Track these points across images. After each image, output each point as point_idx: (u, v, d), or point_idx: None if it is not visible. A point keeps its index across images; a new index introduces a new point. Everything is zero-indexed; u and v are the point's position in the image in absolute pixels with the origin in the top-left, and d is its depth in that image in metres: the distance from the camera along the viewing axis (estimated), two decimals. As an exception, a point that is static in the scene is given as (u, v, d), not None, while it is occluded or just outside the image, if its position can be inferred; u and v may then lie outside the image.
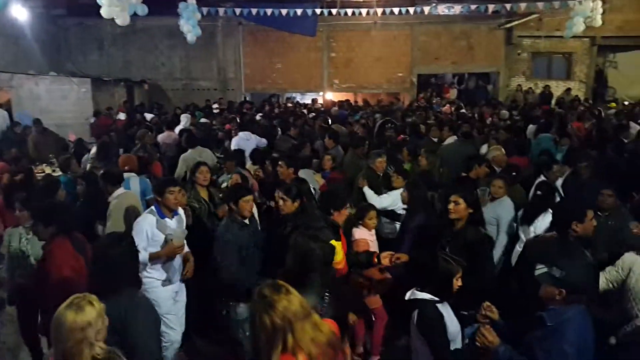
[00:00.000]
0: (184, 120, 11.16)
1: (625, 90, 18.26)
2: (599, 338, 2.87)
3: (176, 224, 4.34)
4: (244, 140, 8.67)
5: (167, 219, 4.27)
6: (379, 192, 5.79)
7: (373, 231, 4.72)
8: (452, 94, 19.20)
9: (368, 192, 5.74)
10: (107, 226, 5.06)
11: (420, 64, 18.89)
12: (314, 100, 17.70)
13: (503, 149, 6.84)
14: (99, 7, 9.48)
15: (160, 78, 18.76)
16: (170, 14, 12.83)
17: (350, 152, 7.64)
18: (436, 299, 3.04)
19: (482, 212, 4.27)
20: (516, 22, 17.41)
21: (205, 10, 12.75)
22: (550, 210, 4.45)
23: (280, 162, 6.13)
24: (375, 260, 4.01)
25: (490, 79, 19.72)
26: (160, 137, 9.68)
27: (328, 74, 18.92)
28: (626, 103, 15.88)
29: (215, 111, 14.84)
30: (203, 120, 12.44)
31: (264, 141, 8.96)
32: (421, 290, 3.10)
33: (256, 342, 2.19)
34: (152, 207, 4.32)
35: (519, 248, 4.92)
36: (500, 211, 5.10)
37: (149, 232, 4.14)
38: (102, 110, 13.99)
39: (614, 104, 15.24)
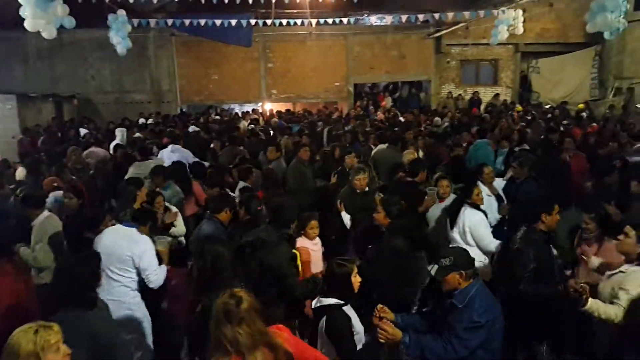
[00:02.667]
0: (119, 134, 10.81)
1: (547, 93, 19.36)
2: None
3: None
4: (169, 153, 8.56)
5: None
6: (359, 213, 5.42)
7: (316, 240, 4.74)
8: (387, 102, 19.65)
9: (345, 218, 5.52)
10: (35, 249, 4.81)
11: (355, 74, 19.25)
12: (254, 111, 17.60)
13: (416, 153, 7.03)
14: (23, 20, 9.03)
15: (90, 92, 18.03)
16: (100, 25, 12.42)
17: (294, 161, 7.64)
18: (341, 302, 3.12)
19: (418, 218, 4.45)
20: (444, 32, 18.10)
21: (136, 21, 12.44)
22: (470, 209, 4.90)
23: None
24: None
25: (422, 86, 20.37)
26: (89, 153, 9.31)
27: (266, 85, 18.92)
28: (548, 106, 16.82)
29: (148, 124, 14.40)
30: (137, 134, 12.09)
31: (189, 156, 8.72)
32: (326, 297, 3.17)
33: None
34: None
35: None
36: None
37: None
38: (32, 128, 13.32)
39: (581, 105, 16.06)
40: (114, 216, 4.86)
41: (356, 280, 3.17)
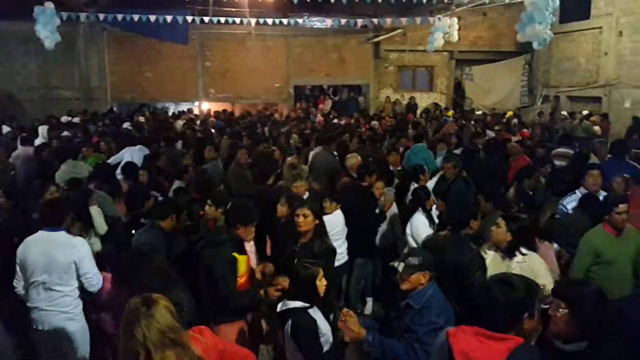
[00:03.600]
0: (41, 132, 10.21)
1: (480, 100, 20.11)
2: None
3: None
4: (136, 152, 8.25)
5: None
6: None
7: (252, 242, 4.60)
8: (327, 104, 19.74)
9: None
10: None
11: (296, 75, 19.18)
12: (189, 110, 17.13)
13: (359, 157, 7.11)
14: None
15: (14, 88, 16.92)
16: (25, 18, 11.67)
17: (233, 165, 7.49)
18: (307, 305, 3.09)
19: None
20: (383, 37, 18.41)
21: (65, 15, 11.81)
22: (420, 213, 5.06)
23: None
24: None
25: (361, 90, 20.61)
26: (15, 153, 8.74)
27: (203, 84, 18.47)
28: (479, 112, 17.45)
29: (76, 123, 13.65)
30: (65, 133, 11.45)
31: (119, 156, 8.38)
32: (291, 299, 3.14)
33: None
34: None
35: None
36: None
37: None
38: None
39: (511, 112, 16.65)
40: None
41: (321, 283, 3.15)
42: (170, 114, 17.47)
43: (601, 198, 5.14)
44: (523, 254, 3.83)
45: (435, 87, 20.52)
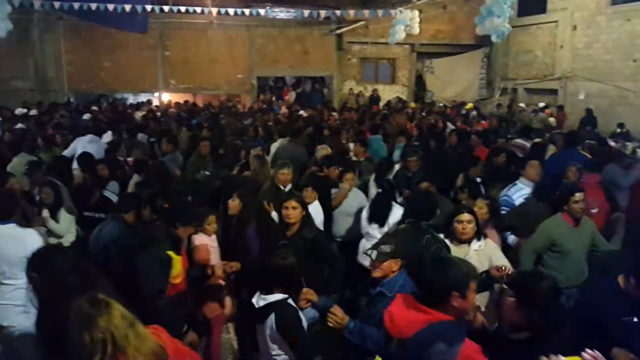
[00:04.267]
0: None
1: (440, 92, 20.45)
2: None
3: None
4: (85, 143, 8.06)
5: None
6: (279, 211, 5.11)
7: (214, 237, 4.58)
8: (291, 96, 19.69)
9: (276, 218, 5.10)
10: None
11: (259, 66, 19.00)
12: (149, 101, 16.79)
13: (329, 148, 7.18)
14: None
15: (-37, 78, 16.21)
16: (-26, 4, 11.16)
17: (193, 156, 7.41)
18: (286, 296, 3.07)
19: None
20: (345, 29, 18.46)
21: (17, 1, 11.35)
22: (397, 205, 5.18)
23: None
24: (210, 271, 3.96)
25: (325, 82, 20.65)
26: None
27: (163, 74, 18.08)
28: (441, 104, 17.76)
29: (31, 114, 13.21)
30: (19, 125, 11.06)
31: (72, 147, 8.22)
32: (268, 293, 3.08)
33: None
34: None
35: (365, 241, 5.18)
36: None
37: None
38: None
39: (470, 105, 16.93)
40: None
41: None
42: (128, 104, 17.10)
43: None
44: (479, 241, 3.98)
45: (398, 80, 20.73)
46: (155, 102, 17.32)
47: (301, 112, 14.01)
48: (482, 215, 4.35)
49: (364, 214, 5.35)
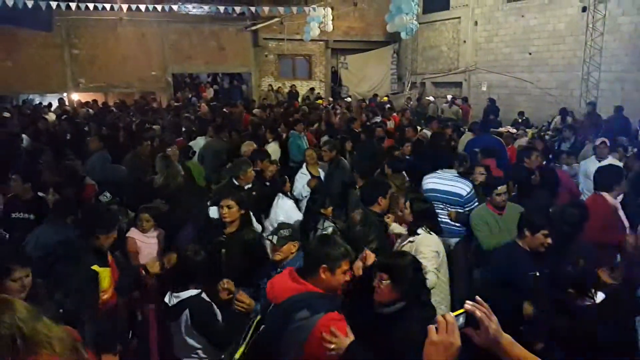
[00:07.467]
0: None
1: (355, 87, 21.17)
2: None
3: None
4: None
5: None
6: (253, 210, 4.88)
7: (151, 232, 4.66)
8: (209, 93, 19.50)
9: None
10: None
11: (173, 63, 18.62)
12: (60, 102, 15.95)
13: (254, 144, 7.36)
14: None
15: None
16: None
17: (130, 155, 7.34)
18: (199, 291, 3.22)
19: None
20: (260, 25, 18.55)
21: None
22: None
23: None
24: (142, 271, 3.93)
25: (243, 79, 20.63)
26: None
27: (72, 73, 17.23)
28: (359, 98, 18.36)
29: None
30: None
31: None
32: (182, 290, 3.19)
33: None
34: None
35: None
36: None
37: None
38: None
39: (385, 98, 17.47)
40: None
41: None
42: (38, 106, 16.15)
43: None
44: (417, 234, 4.01)
45: (315, 76, 21.14)
46: (66, 102, 16.47)
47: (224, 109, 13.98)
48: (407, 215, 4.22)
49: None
